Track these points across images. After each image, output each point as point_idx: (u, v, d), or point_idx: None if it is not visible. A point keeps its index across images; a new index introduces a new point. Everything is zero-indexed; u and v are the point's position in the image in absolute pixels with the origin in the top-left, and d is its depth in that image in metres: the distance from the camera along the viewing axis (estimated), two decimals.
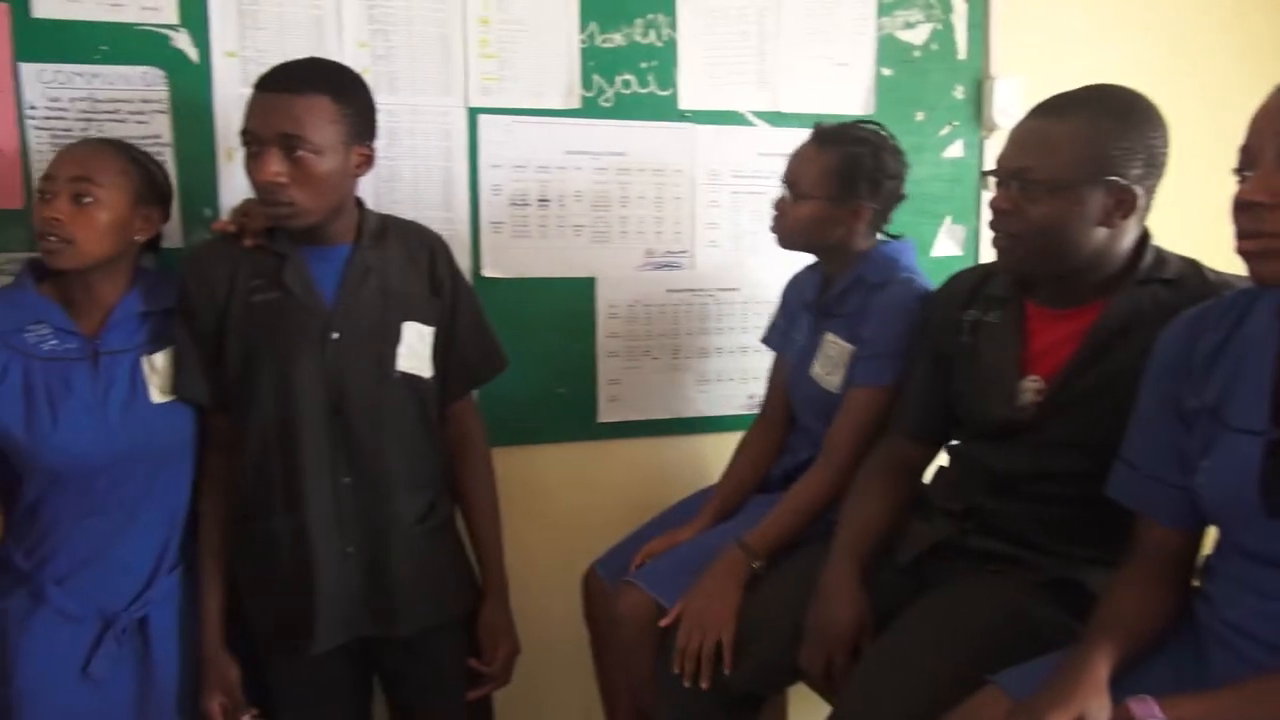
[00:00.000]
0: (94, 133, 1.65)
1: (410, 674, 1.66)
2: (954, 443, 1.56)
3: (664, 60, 1.96)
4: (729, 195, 2.05)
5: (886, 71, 2.11)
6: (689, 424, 2.09)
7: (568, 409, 2.00)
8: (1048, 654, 1.18)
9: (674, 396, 2.07)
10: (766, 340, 1.94)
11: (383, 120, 1.54)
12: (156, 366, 1.53)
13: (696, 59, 1.99)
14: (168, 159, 1.70)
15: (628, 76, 1.95)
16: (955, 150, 2.17)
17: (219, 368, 1.54)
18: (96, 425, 1.48)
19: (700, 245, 2.04)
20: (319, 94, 1.43)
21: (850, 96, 2.09)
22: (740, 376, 2.10)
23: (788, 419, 1.85)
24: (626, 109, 1.95)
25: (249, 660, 1.59)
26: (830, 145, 1.68)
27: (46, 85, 1.64)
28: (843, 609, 1.44)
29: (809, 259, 1.82)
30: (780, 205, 1.72)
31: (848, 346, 1.69)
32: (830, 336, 1.72)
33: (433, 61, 1.84)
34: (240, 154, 1.69)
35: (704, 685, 1.48)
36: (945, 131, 2.16)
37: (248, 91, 1.49)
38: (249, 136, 1.43)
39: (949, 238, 2.19)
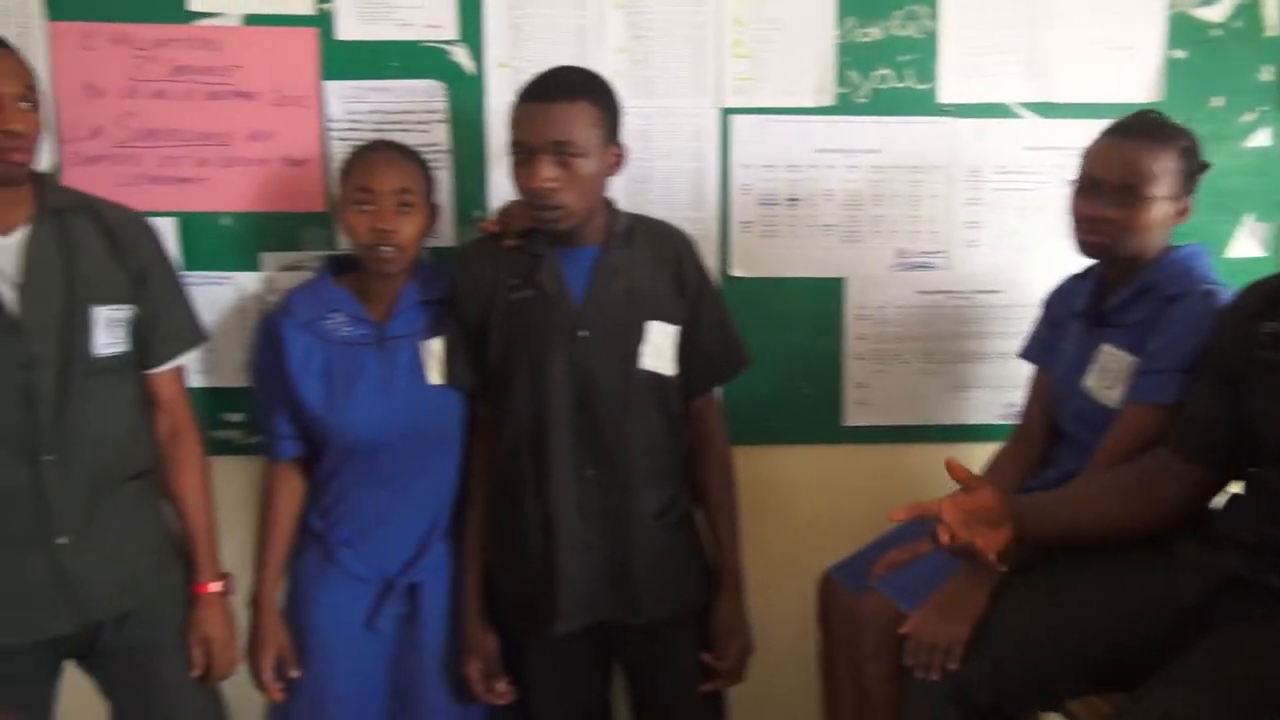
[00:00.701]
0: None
1: (647, 663, 1.71)
2: (1252, 469, 1.39)
3: (924, 52, 1.89)
4: (991, 193, 1.94)
5: (1178, 53, 1.91)
6: (940, 431, 2.00)
7: (812, 411, 1.98)
8: None
9: (924, 402, 1.99)
10: (1025, 353, 1.82)
11: (636, 123, 1.60)
12: (433, 352, 1.67)
13: (959, 49, 1.89)
14: (445, 165, 1.84)
15: (884, 71, 1.89)
16: (1260, 139, 1.93)
17: (482, 359, 1.65)
18: (383, 404, 1.63)
19: (957, 245, 1.95)
20: (581, 100, 1.50)
21: (1134, 83, 1.91)
22: (998, 384, 1.99)
23: (1047, 435, 1.72)
24: (882, 104, 1.90)
25: (508, 633, 1.70)
26: (1164, 139, 1.53)
27: (346, 100, 1.82)
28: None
29: (1083, 262, 1.69)
30: (1108, 213, 1.52)
31: (1129, 358, 1.55)
32: (1108, 348, 1.58)
33: (687, 64, 1.87)
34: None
35: (934, 677, 1.42)
36: (1248, 118, 1.93)
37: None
38: (520, 147, 1.51)
39: (1251, 237, 1.96)
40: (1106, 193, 1.52)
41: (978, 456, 1.82)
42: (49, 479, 1.45)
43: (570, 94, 1.50)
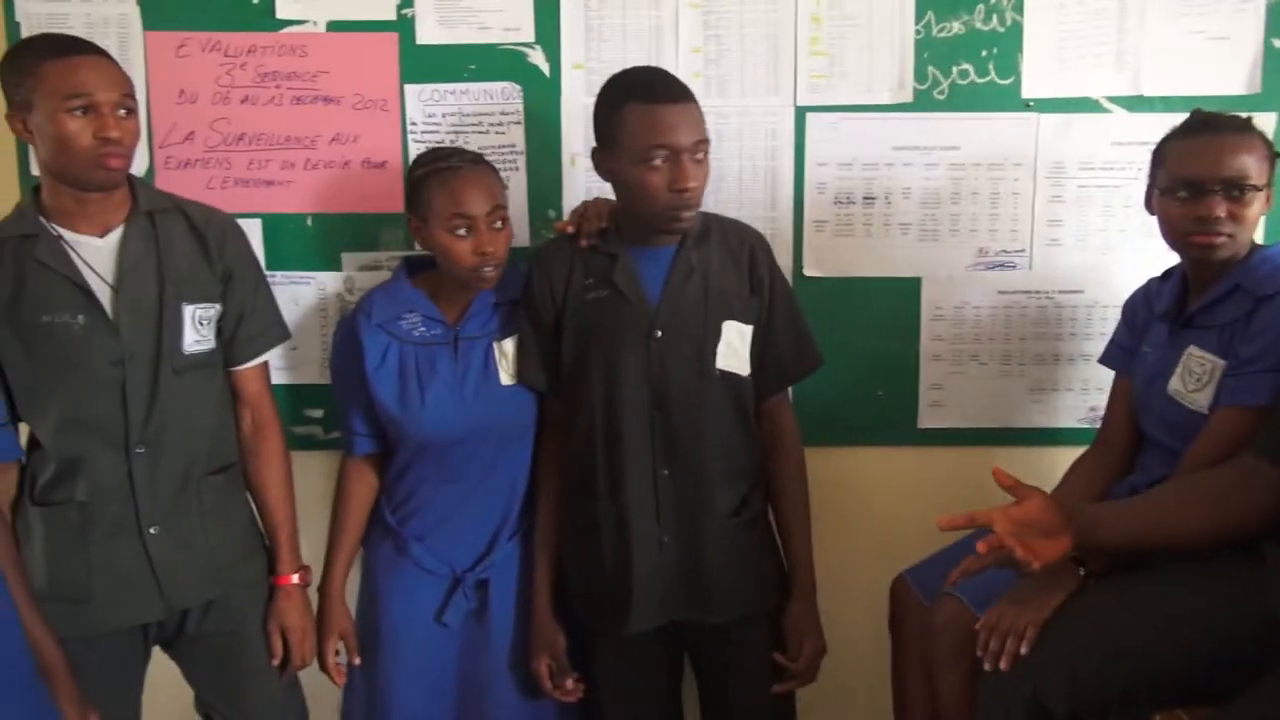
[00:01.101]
0: (460, 145, 1.85)
1: (719, 661, 1.71)
2: None
3: (1006, 46, 1.84)
4: (1075, 190, 1.88)
5: (1278, 43, 1.83)
6: (1020, 435, 1.95)
7: (886, 412, 1.95)
8: None
9: (1003, 405, 1.95)
10: (1106, 359, 1.76)
11: (711, 122, 1.59)
12: (506, 352, 1.69)
13: (1044, 43, 1.84)
14: (520, 166, 1.87)
15: (965, 66, 1.85)
16: None
17: (556, 358, 1.66)
18: (456, 403, 1.66)
19: (1040, 244, 1.90)
20: (692, 100, 1.54)
21: (1230, 75, 1.84)
22: (1081, 387, 1.93)
23: (1130, 443, 1.67)
24: (962, 100, 1.86)
25: (577, 630, 1.72)
26: (1251, 130, 1.50)
27: (424, 103, 1.86)
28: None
29: (1168, 261, 1.64)
30: (1219, 211, 1.47)
31: (1217, 361, 1.49)
32: (1195, 350, 1.53)
33: (762, 62, 1.86)
34: (582, 160, 1.84)
35: (1003, 666, 1.38)
36: None
37: (590, 101, 1.60)
38: (666, 149, 1.49)
39: None
40: (1211, 192, 1.47)
41: (1060, 461, 1.77)
42: (139, 471, 1.52)
43: (688, 94, 1.53)
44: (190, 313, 1.56)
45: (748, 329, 1.63)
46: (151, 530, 1.53)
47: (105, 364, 1.49)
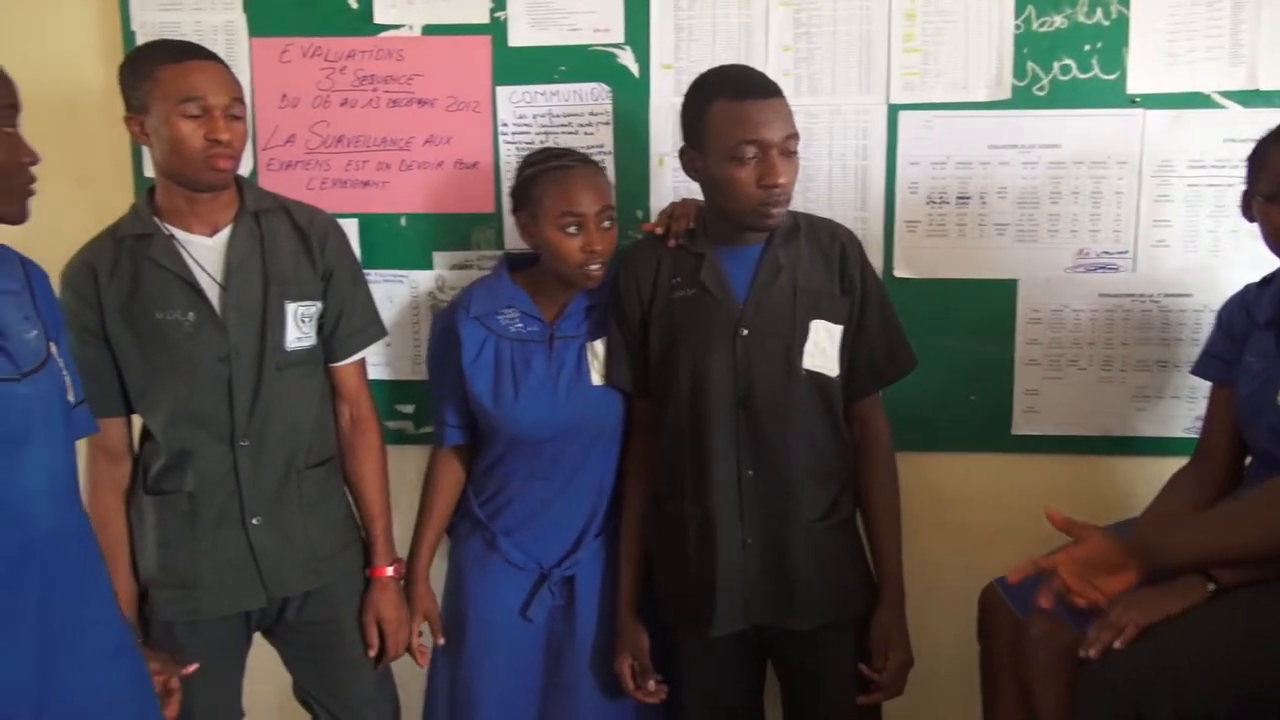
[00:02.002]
0: (550, 145, 1.87)
1: (802, 668, 1.69)
2: None
3: (1111, 40, 1.78)
4: (1184, 189, 1.80)
5: None
6: (1120, 444, 1.88)
7: (979, 418, 1.90)
8: None
9: (1103, 412, 1.88)
10: (1200, 370, 1.68)
11: (801, 122, 1.57)
12: (598, 353, 1.70)
13: (1151, 36, 1.77)
14: (609, 166, 1.88)
15: (1067, 61, 1.79)
16: None
17: (643, 358, 1.67)
18: (548, 400, 1.68)
19: (1145, 246, 1.83)
20: (780, 95, 1.52)
21: None
22: (1189, 395, 1.85)
23: (1231, 456, 1.59)
24: (1063, 97, 1.80)
25: (661, 631, 1.72)
26: None
27: (515, 105, 1.89)
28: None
29: (1268, 265, 1.56)
30: None
31: None
32: None
33: (854, 60, 1.83)
34: (670, 161, 1.84)
35: (1092, 653, 1.36)
36: None
37: (679, 101, 1.60)
38: (755, 145, 1.49)
39: None
40: None
41: (1164, 472, 1.70)
42: (244, 464, 1.57)
43: (774, 89, 1.52)
44: (293, 310, 1.60)
45: (836, 328, 1.60)
46: (254, 521, 1.59)
47: (213, 360, 1.55)
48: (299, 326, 1.61)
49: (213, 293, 1.56)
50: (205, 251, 1.56)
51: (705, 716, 1.72)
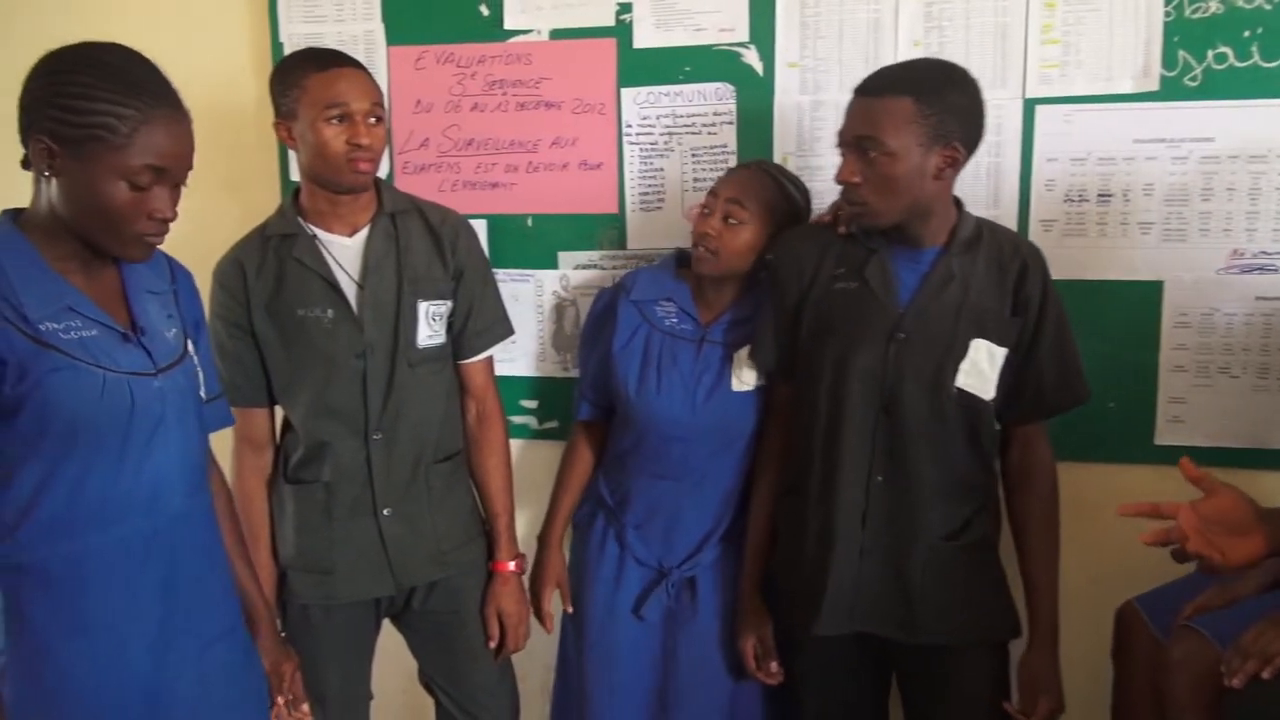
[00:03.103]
0: (674, 146, 1.88)
1: (926, 689, 1.63)
2: None
3: (1273, 26, 1.66)
4: None
5: None
6: (1276, 457, 1.76)
7: (1118, 426, 1.81)
8: None
9: (1259, 423, 1.76)
10: None
11: None
12: (742, 362, 1.69)
13: None
14: (732, 166, 1.86)
15: (1223, 49, 1.69)
16: None
17: (792, 342, 1.63)
18: (686, 399, 1.69)
19: None
20: (901, 96, 1.43)
21: None
22: None
23: None
24: (1218, 87, 1.69)
25: (783, 631, 1.69)
26: None
27: (640, 106, 1.90)
28: None
29: None
30: None
31: None
32: None
33: (988, 54, 1.77)
34: (794, 160, 1.84)
35: (1236, 684, 1.28)
36: None
37: (805, 100, 1.59)
38: (839, 139, 1.50)
39: None
40: None
41: None
42: (376, 456, 1.64)
43: (888, 90, 1.44)
44: (424, 309, 1.66)
45: (1000, 351, 1.52)
46: (385, 512, 1.65)
47: (349, 356, 1.62)
48: (430, 325, 1.67)
49: (350, 291, 1.62)
50: (345, 251, 1.63)
51: (821, 715, 1.68)
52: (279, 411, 1.72)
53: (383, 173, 1.95)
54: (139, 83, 1.19)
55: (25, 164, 1.21)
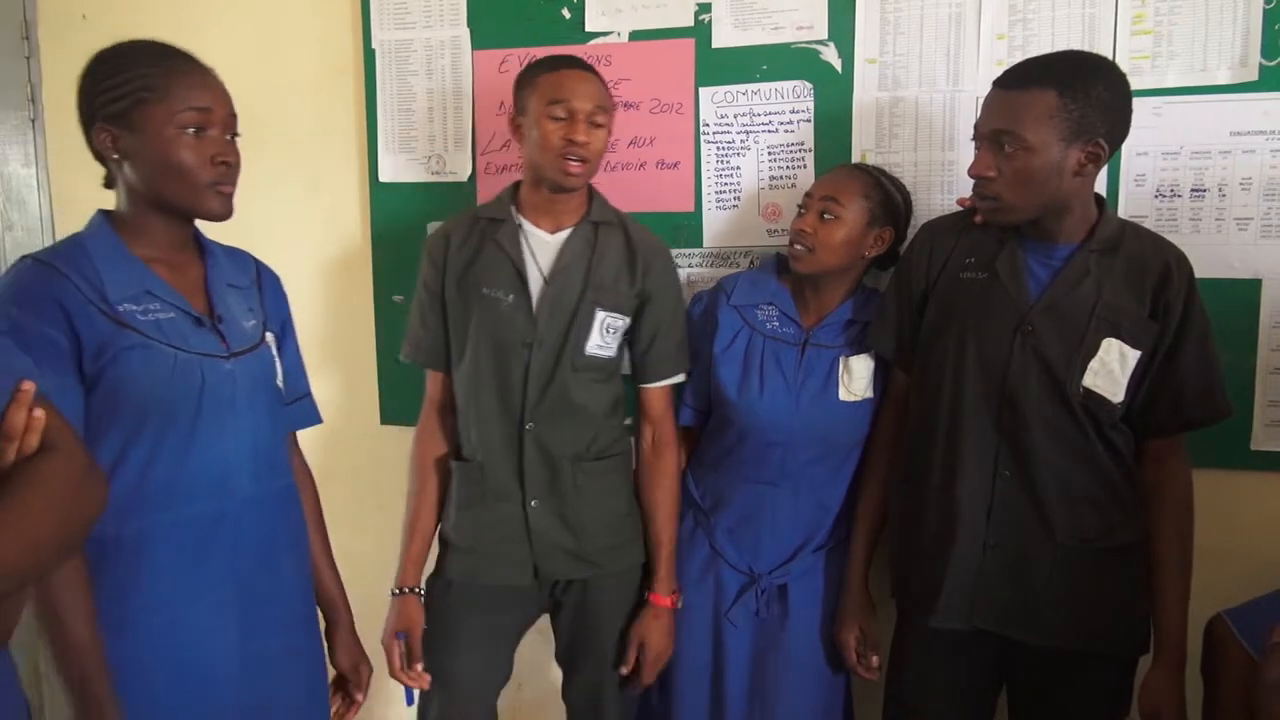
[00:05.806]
0: (750, 145, 1.88)
1: (1044, 692, 1.58)
2: None
3: None
4: None
5: None
6: None
7: (1214, 431, 1.68)
8: None
9: None
10: None
11: None
12: (850, 369, 1.69)
13: None
14: (808, 164, 1.86)
15: None
16: None
17: (913, 329, 1.62)
18: (789, 403, 1.68)
19: None
20: (1045, 88, 1.40)
21: None
22: None
23: None
24: None
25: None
26: None
27: (717, 105, 1.91)
28: None
29: None
30: None
31: None
32: None
33: (1075, 46, 1.72)
34: (872, 156, 1.82)
35: None
36: None
37: (884, 96, 1.57)
38: (974, 133, 1.49)
39: None
40: None
41: None
42: (528, 446, 1.66)
43: (1029, 82, 1.41)
44: (600, 318, 1.67)
45: (1132, 353, 1.46)
46: (533, 503, 1.67)
47: (518, 343, 1.65)
48: (602, 335, 1.67)
49: (535, 283, 1.66)
50: (543, 246, 1.67)
51: (923, 707, 1.65)
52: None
53: (465, 173, 2.02)
54: (161, 49, 1.33)
55: (99, 159, 1.33)
